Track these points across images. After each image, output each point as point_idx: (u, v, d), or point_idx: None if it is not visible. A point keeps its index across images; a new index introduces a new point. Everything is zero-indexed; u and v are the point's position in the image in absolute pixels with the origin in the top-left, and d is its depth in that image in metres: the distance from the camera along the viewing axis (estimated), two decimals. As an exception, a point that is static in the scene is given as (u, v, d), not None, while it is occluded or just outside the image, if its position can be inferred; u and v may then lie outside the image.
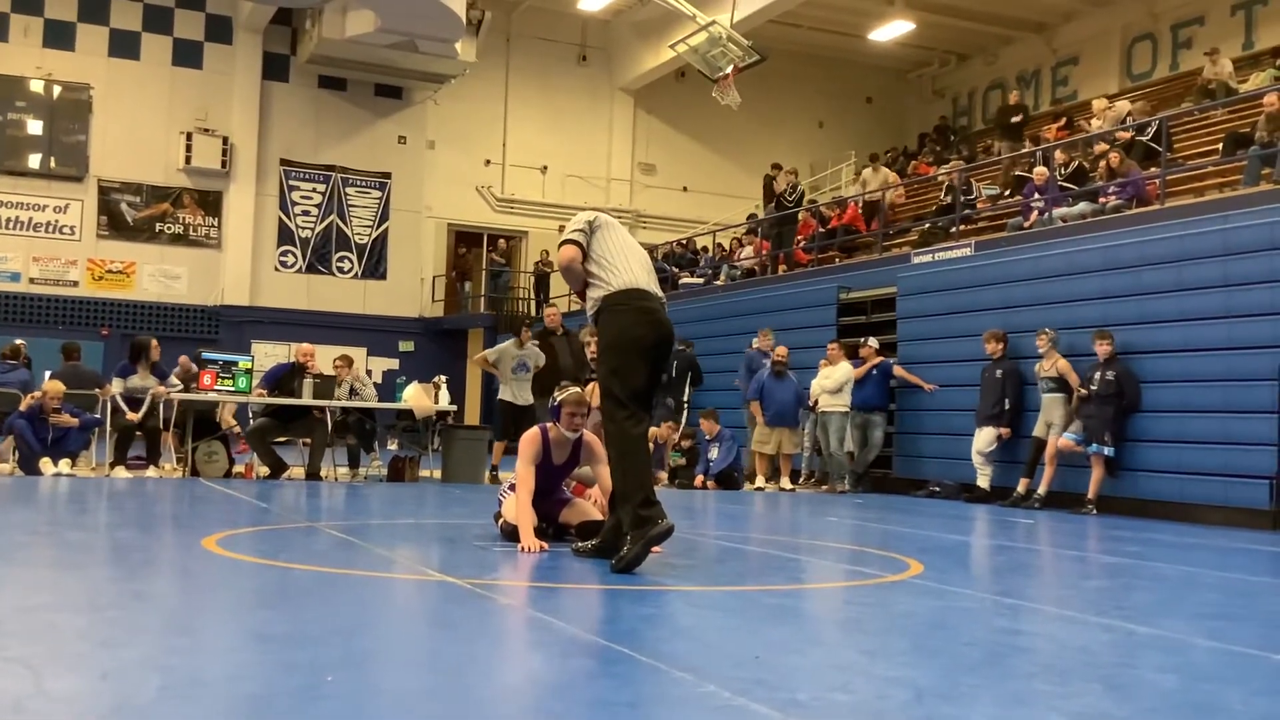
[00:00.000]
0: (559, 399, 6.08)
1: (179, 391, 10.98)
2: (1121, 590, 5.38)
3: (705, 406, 13.56)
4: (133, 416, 10.55)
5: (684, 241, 22.13)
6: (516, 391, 11.88)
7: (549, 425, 6.10)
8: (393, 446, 12.97)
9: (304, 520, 7.46)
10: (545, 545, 5.68)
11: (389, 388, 15.27)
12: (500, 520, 6.25)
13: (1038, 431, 10.96)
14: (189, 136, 22.35)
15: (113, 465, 10.46)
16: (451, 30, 20.46)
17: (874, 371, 12.90)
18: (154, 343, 11.23)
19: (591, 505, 6.32)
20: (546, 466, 6.08)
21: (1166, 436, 10.07)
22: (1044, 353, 10.86)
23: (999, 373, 11.49)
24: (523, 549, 5.58)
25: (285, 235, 23.39)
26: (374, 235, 24.07)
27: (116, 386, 10.80)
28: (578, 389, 6.20)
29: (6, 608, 3.72)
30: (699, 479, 12.67)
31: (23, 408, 10.24)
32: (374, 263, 24.09)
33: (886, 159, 22.32)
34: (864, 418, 12.87)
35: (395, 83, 23.65)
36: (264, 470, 10.99)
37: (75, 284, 21.87)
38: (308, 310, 23.05)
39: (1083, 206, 12.67)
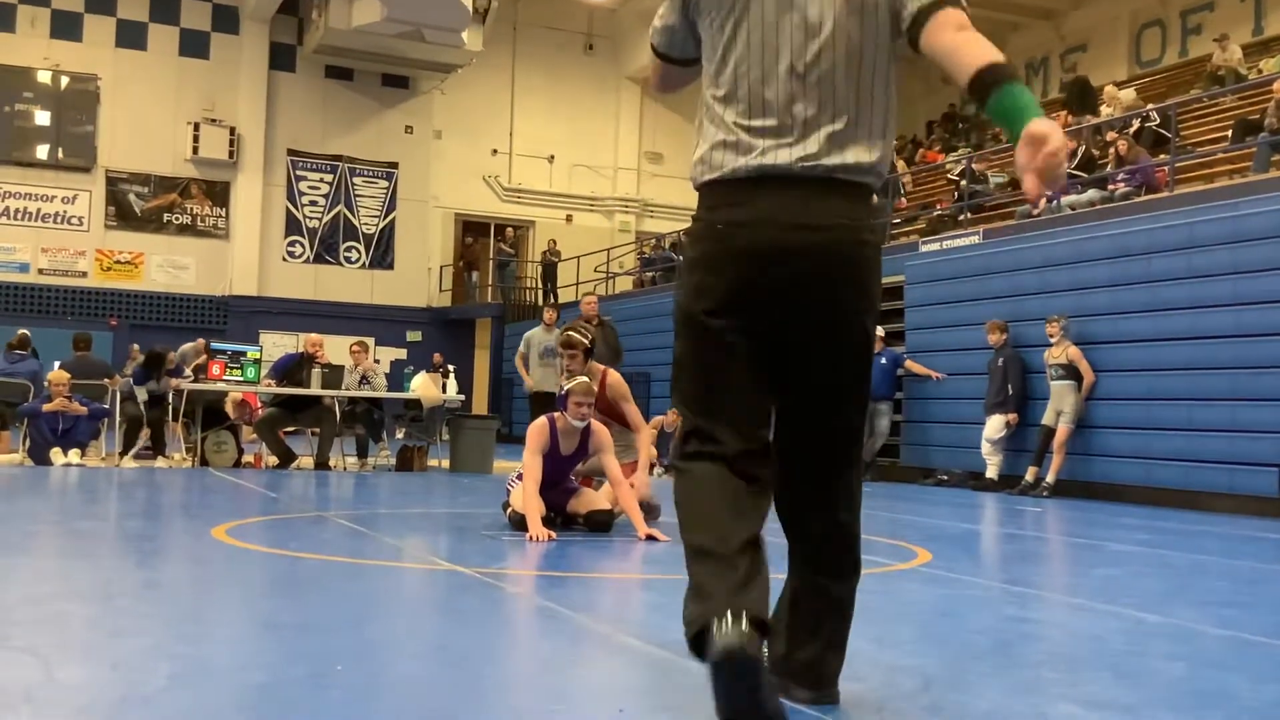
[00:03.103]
0: (566, 388, 6.08)
1: (189, 382, 11.01)
2: (1129, 578, 5.38)
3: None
4: (146, 432, 10.69)
5: (691, 230, 22.08)
6: (542, 377, 11.76)
7: (556, 415, 6.10)
8: (401, 436, 12.99)
9: (313, 510, 7.48)
10: (553, 534, 5.69)
11: (397, 378, 15.26)
12: (508, 509, 6.26)
13: (1047, 419, 10.94)
14: (196, 127, 22.38)
15: (121, 455, 10.50)
16: (458, 19, 20.45)
17: (882, 360, 12.89)
18: (170, 354, 11.50)
19: (599, 494, 6.33)
20: (554, 456, 6.08)
21: (1175, 424, 10.04)
22: (1055, 341, 10.83)
23: (1000, 361, 11.50)
24: (530, 538, 5.59)
25: (293, 225, 23.42)
26: (381, 225, 24.09)
27: (141, 395, 10.88)
28: (585, 379, 6.19)
29: (16, 597, 3.74)
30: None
31: (46, 408, 10.23)
32: (381, 253, 24.11)
33: (894, 146, 22.29)
34: (871, 406, 12.85)
35: (402, 72, 23.65)
36: (273, 460, 11.01)
37: (84, 274, 21.93)
38: (315, 300, 23.10)
39: (1092, 194, 12.63)
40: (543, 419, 6.13)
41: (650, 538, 5.78)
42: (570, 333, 6.63)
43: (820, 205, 2.32)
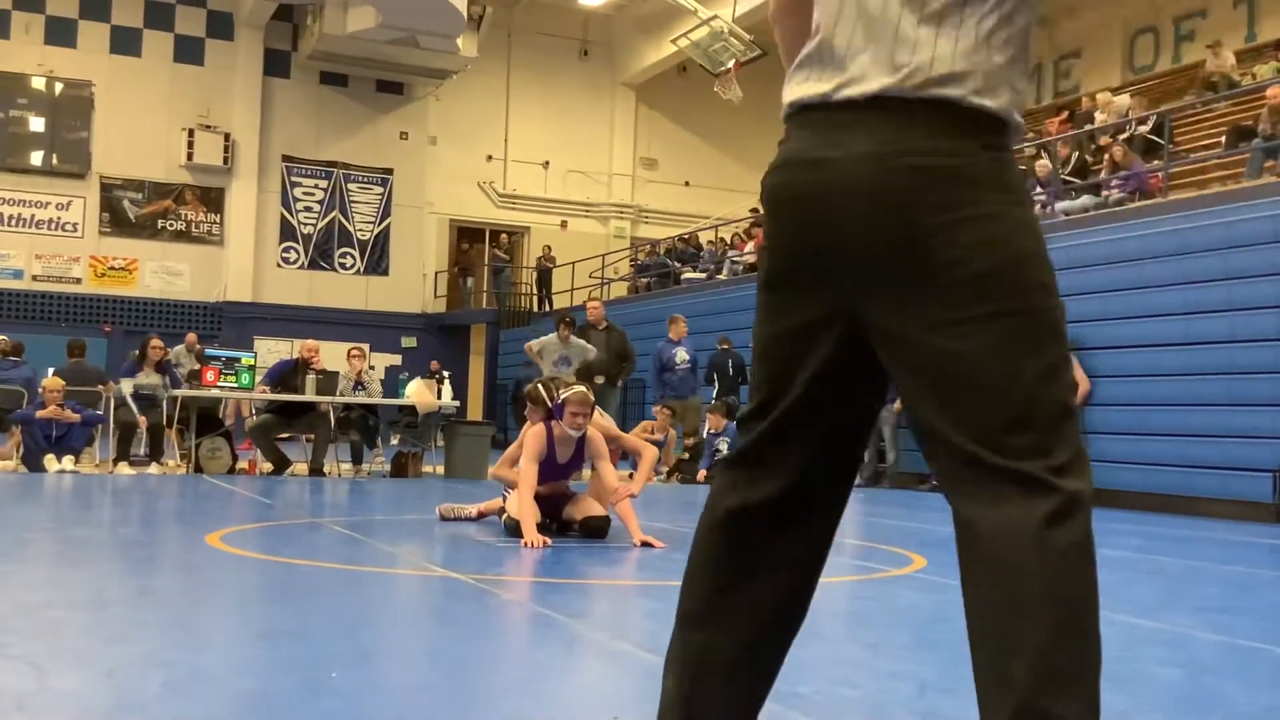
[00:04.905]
0: (563, 396, 6.06)
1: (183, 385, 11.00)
2: (1123, 583, 5.38)
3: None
4: (143, 421, 10.59)
5: (685, 237, 22.15)
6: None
7: (554, 423, 6.09)
8: (395, 442, 12.98)
9: (307, 516, 7.47)
10: (548, 540, 5.68)
11: (392, 384, 15.28)
12: (504, 515, 6.25)
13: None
14: (191, 133, 22.36)
15: (115, 462, 10.48)
16: (453, 26, 20.46)
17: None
18: (153, 341, 11.29)
19: (595, 500, 6.32)
20: (550, 464, 6.08)
21: (1169, 429, 10.06)
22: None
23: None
24: (526, 544, 5.58)
25: (287, 231, 23.40)
26: (376, 231, 24.09)
27: (126, 387, 10.83)
28: (582, 387, 6.18)
29: (10, 604, 3.73)
30: (702, 474, 12.67)
31: (40, 414, 10.20)
32: (376, 259, 24.11)
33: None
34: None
35: (397, 78, 23.65)
36: (267, 466, 11.00)
37: (78, 281, 21.90)
38: (310, 306, 23.08)
39: (1085, 200, 12.66)
40: (540, 426, 6.12)
41: (646, 544, 5.78)
42: (536, 388, 6.31)
43: (849, 134, 1.67)
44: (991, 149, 1.66)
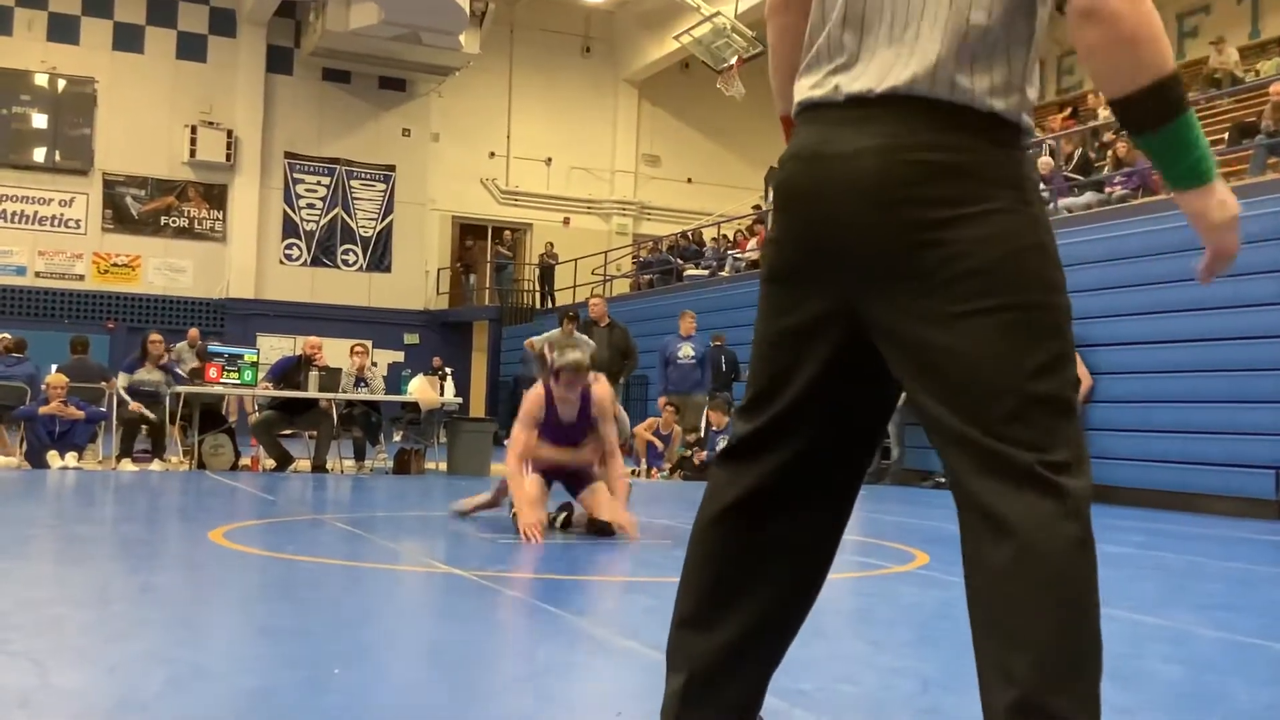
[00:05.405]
0: (557, 364, 5.98)
1: (185, 383, 11.00)
2: (1126, 580, 5.38)
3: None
4: (135, 406, 10.56)
5: (688, 233, 22.14)
6: None
7: (553, 383, 6.00)
8: (398, 439, 12.99)
9: (310, 513, 7.48)
10: (540, 536, 5.60)
11: (394, 380, 15.30)
12: (511, 511, 6.22)
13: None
14: (193, 130, 22.36)
15: (118, 458, 10.49)
16: (455, 22, 20.46)
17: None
18: (152, 336, 11.28)
19: (609, 500, 6.08)
20: (554, 426, 6.01)
21: (1171, 426, 10.05)
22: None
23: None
24: (522, 529, 5.55)
25: (290, 228, 23.41)
26: (378, 228, 24.09)
27: (122, 381, 10.83)
28: (578, 354, 6.10)
29: (12, 601, 3.73)
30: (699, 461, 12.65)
31: (43, 410, 10.21)
32: (379, 255, 24.11)
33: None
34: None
35: (399, 75, 23.65)
36: (270, 463, 11.01)
37: (81, 277, 21.91)
38: (313, 303, 23.08)
39: (1088, 196, 12.65)
40: (538, 388, 6.05)
41: (620, 528, 5.71)
42: (535, 343, 6.27)
43: (854, 130, 1.69)
44: (998, 146, 1.66)
